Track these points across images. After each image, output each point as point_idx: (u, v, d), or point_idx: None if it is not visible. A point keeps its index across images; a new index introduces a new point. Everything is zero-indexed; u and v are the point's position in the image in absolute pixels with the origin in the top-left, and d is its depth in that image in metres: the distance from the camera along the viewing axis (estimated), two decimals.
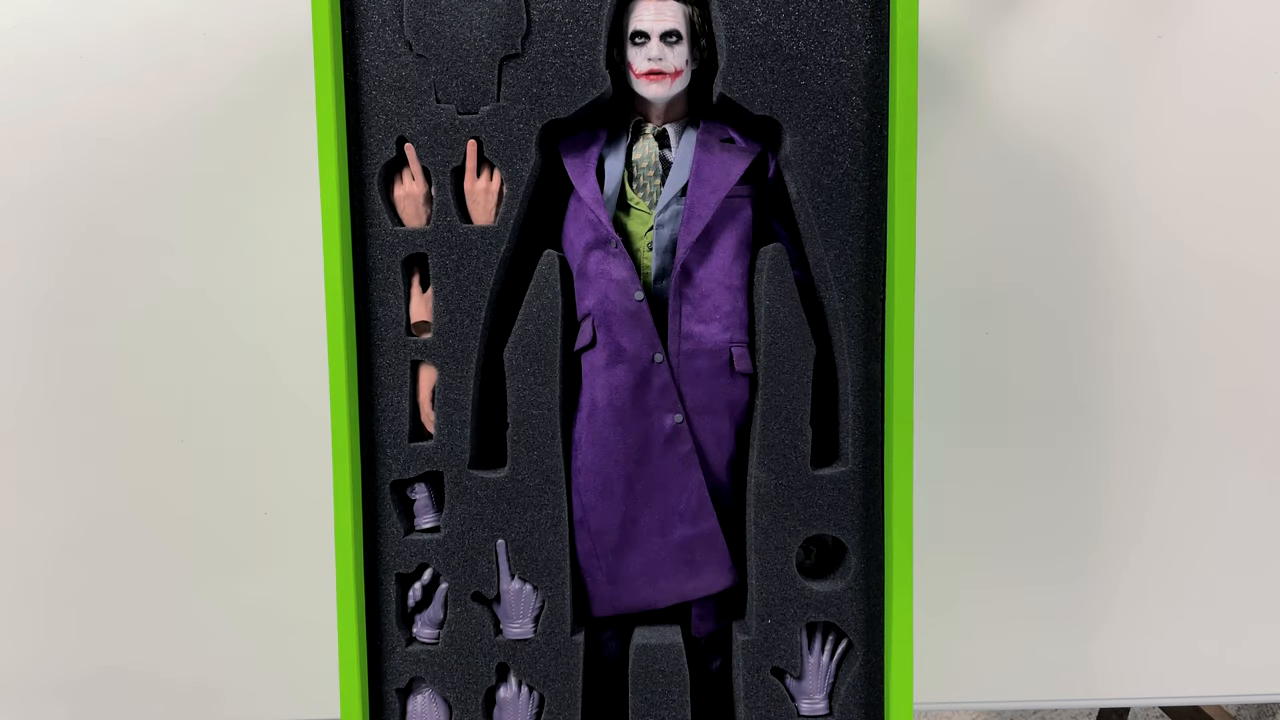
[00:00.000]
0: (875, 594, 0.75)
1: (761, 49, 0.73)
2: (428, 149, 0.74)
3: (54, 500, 0.97)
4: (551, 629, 0.76)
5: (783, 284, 0.75)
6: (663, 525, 0.77)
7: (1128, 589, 1.01)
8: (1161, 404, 0.98)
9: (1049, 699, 1.03)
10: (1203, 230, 0.97)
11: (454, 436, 0.76)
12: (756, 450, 0.75)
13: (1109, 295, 0.97)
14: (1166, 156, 0.96)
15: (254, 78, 0.93)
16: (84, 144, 0.94)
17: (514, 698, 0.77)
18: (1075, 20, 0.94)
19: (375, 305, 0.75)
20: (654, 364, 0.75)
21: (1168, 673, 1.02)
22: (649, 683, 0.76)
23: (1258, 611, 1.02)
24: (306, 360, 0.93)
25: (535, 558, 0.76)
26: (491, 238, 0.75)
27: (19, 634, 0.99)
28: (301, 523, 0.96)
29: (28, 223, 0.95)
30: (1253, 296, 0.98)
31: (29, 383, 0.96)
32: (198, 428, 0.97)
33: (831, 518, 0.75)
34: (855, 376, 0.75)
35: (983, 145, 0.95)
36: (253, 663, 0.99)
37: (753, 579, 0.76)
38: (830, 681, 0.77)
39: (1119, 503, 1.00)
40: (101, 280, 0.95)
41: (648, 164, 0.77)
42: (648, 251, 0.76)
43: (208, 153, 0.94)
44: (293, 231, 0.93)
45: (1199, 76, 0.95)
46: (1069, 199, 0.96)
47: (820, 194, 0.74)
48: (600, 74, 0.74)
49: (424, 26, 0.74)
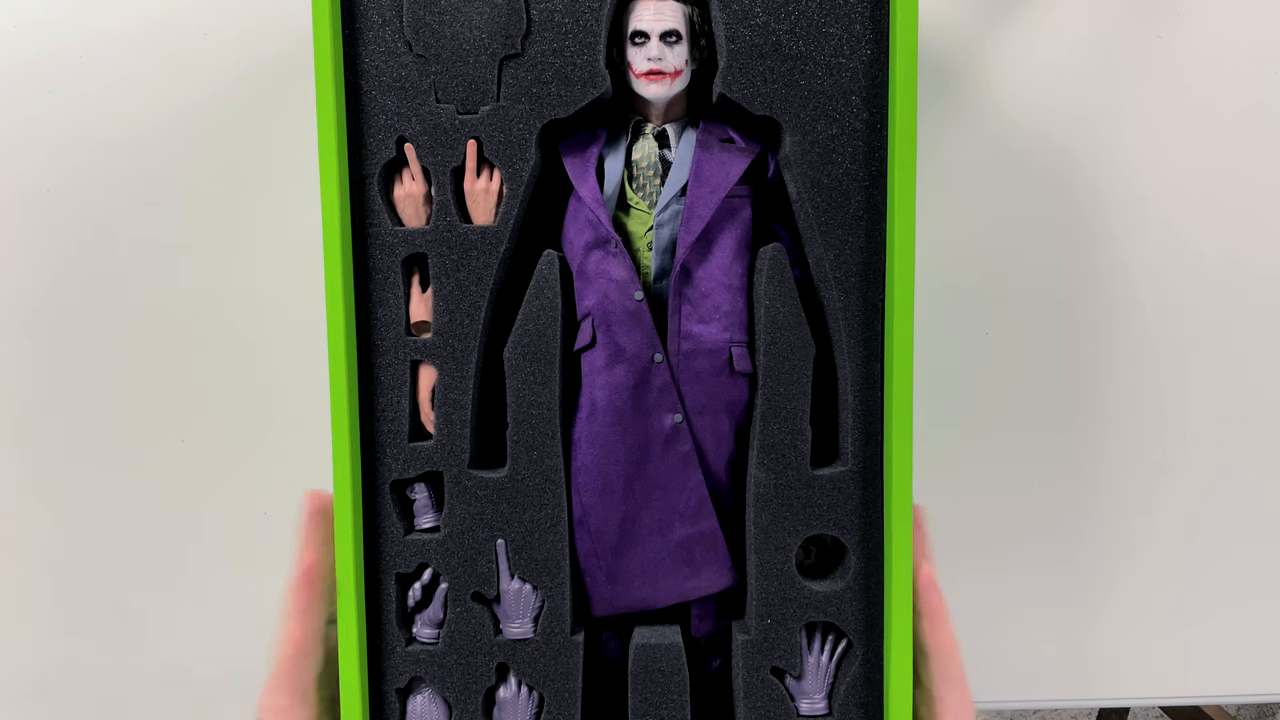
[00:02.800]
0: (875, 594, 0.75)
1: (761, 49, 0.73)
2: (428, 149, 0.74)
3: (54, 500, 0.97)
4: (551, 629, 0.76)
5: (783, 284, 0.75)
6: (662, 525, 0.77)
7: (1128, 589, 1.01)
8: (1163, 403, 0.98)
9: (1049, 699, 1.03)
10: (1204, 229, 0.97)
11: (454, 436, 0.76)
12: (756, 450, 0.75)
13: (1110, 295, 0.97)
14: (1168, 156, 0.96)
15: (254, 78, 0.93)
16: (83, 144, 0.94)
17: (514, 697, 0.77)
18: (1075, 20, 0.94)
19: (375, 305, 0.75)
20: (654, 364, 0.75)
21: (1168, 673, 1.02)
22: (649, 682, 0.76)
23: (1258, 611, 1.02)
24: (306, 360, 0.93)
25: (535, 557, 0.76)
26: (491, 238, 0.75)
27: (18, 634, 0.99)
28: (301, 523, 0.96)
29: (27, 223, 0.95)
30: (1255, 296, 0.98)
31: (29, 382, 0.96)
32: (198, 428, 0.97)
33: (831, 517, 0.75)
34: (855, 376, 0.75)
35: (983, 145, 0.95)
36: (253, 663, 0.98)
37: (752, 579, 0.76)
38: (830, 681, 0.77)
39: (1119, 502, 1.00)
40: (100, 280, 0.95)
41: (647, 164, 0.77)
42: (647, 251, 0.76)
43: (207, 153, 0.94)
44: (293, 231, 0.93)
45: (1199, 76, 0.95)
46: (1069, 199, 0.96)
47: (820, 194, 0.74)
48: (600, 74, 0.74)
49: (424, 26, 0.74)
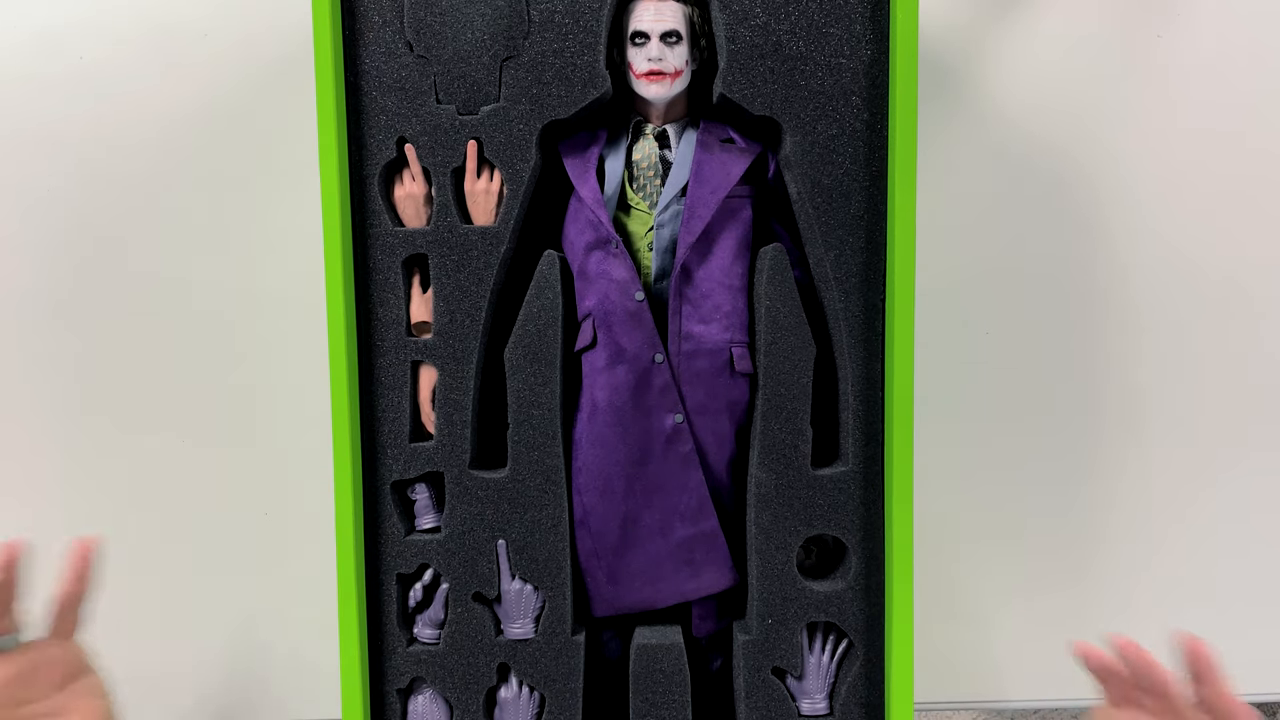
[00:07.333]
0: (875, 594, 0.75)
1: (761, 49, 0.73)
2: (428, 149, 0.75)
3: (53, 500, 0.97)
4: (552, 629, 0.76)
5: (783, 284, 0.75)
6: (663, 525, 0.77)
7: (1128, 588, 1.01)
8: (1163, 403, 0.98)
9: (1049, 699, 1.03)
10: (1204, 229, 0.97)
11: (454, 437, 0.76)
12: (757, 450, 0.75)
13: (1110, 295, 0.97)
14: (1167, 156, 0.96)
15: (254, 79, 0.93)
16: (84, 145, 0.94)
17: (515, 698, 0.77)
18: (1075, 20, 0.94)
19: (375, 305, 0.75)
20: (654, 364, 0.75)
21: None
22: (650, 683, 0.76)
23: (1258, 611, 1.02)
24: (307, 360, 0.93)
25: (536, 558, 0.76)
26: (492, 238, 0.75)
27: None
28: (302, 523, 0.96)
29: (28, 223, 0.95)
30: (1255, 295, 0.98)
31: (29, 381, 0.96)
32: (198, 428, 0.97)
33: (832, 518, 0.75)
34: (855, 376, 0.75)
35: (983, 145, 0.95)
36: (253, 663, 0.99)
37: (753, 579, 0.76)
38: (831, 681, 0.77)
39: (1119, 502, 1.00)
40: (102, 281, 0.95)
41: (648, 164, 0.77)
42: (648, 252, 0.76)
43: (208, 153, 0.94)
44: (293, 232, 0.93)
45: (1199, 76, 0.95)
46: (1069, 199, 0.96)
47: (820, 194, 0.74)
48: (600, 74, 0.74)
49: (424, 27, 0.74)
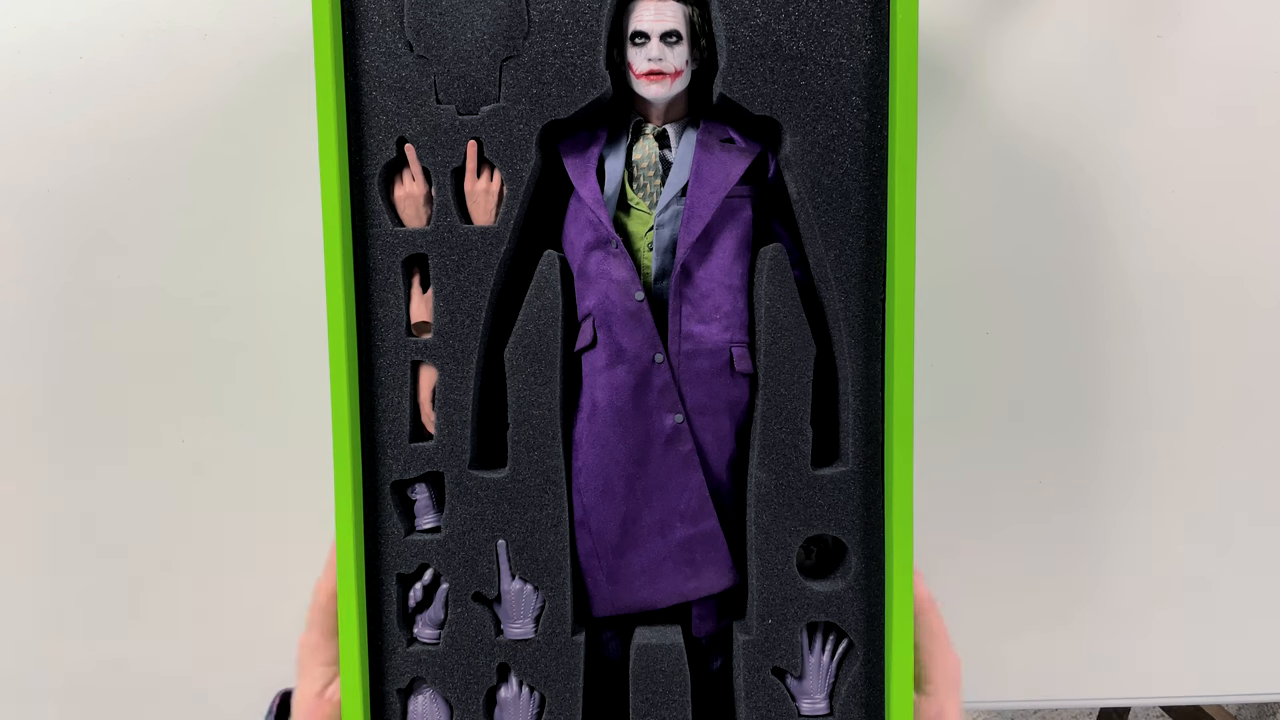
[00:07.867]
0: (876, 594, 0.75)
1: (761, 49, 0.73)
2: (428, 150, 0.74)
3: (54, 500, 0.97)
4: (552, 629, 0.76)
5: (783, 284, 0.75)
6: (663, 525, 0.77)
7: (1128, 588, 1.01)
8: (1163, 403, 0.98)
9: (1049, 699, 1.03)
10: (1203, 229, 0.97)
11: (454, 437, 0.76)
12: (757, 450, 0.75)
13: (1111, 295, 0.97)
14: (1168, 156, 0.96)
15: (254, 79, 0.93)
16: (84, 145, 0.94)
17: (515, 698, 0.77)
18: (1075, 20, 0.94)
19: (375, 306, 0.75)
20: (654, 364, 0.75)
21: (1168, 673, 1.02)
22: (650, 682, 0.76)
23: (1258, 611, 1.02)
24: (306, 360, 0.93)
25: (536, 558, 0.76)
26: (492, 238, 0.75)
27: (16, 633, 0.99)
28: (301, 523, 0.96)
29: (29, 224, 0.95)
30: (1255, 295, 0.98)
31: (29, 382, 0.96)
32: (198, 428, 0.97)
33: (832, 518, 0.75)
34: (855, 376, 0.75)
35: (983, 145, 0.95)
36: (253, 663, 0.99)
37: (753, 579, 0.76)
38: (831, 681, 0.77)
39: (1120, 502, 1.00)
40: (102, 281, 0.95)
41: (648, 164, 0.77)
42: (648, 252, 0.76)
43: (207, 154, 0.94)
44: (292, 232, 0.93)
45: (1199, 76, 0.95)
46: (1070, 199, 0.96)
47: (820, 194, 0.74)
48: (600, 74, 0.74)
49: (424, 27, 0.74)
